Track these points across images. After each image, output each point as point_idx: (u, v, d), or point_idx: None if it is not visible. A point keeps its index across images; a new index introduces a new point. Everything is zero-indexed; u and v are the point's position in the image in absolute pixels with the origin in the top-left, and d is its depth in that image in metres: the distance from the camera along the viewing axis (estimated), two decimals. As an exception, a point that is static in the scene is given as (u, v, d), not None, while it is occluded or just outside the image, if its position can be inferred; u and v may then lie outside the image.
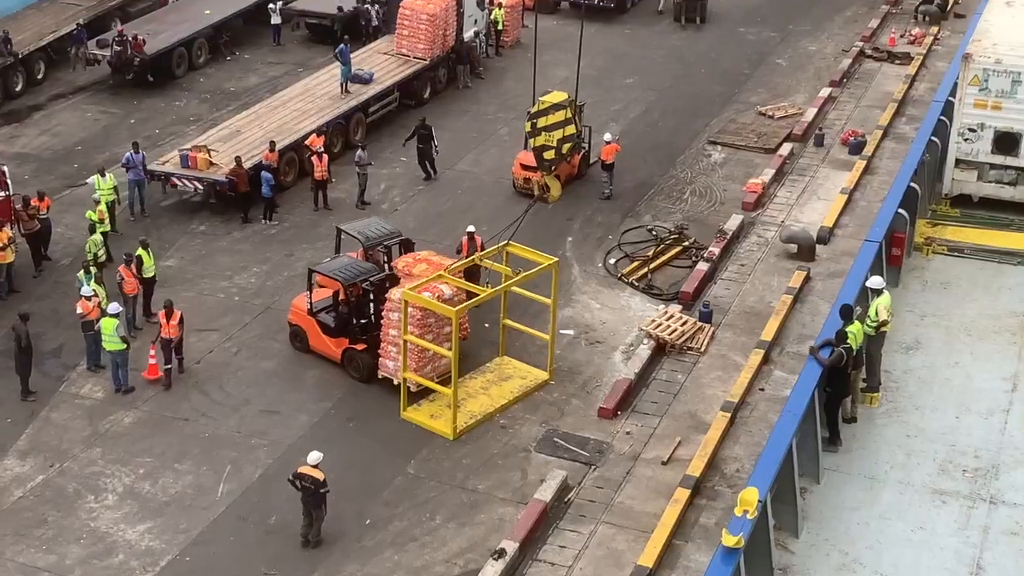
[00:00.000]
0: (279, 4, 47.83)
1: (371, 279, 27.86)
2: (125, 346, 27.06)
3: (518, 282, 27.12)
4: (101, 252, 30.55)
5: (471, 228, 30.79)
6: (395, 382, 27.09)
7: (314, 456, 22.87)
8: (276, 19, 47.59)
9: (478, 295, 27.05)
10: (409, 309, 26.18)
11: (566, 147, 34.74)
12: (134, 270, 29.17)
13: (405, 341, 26.07)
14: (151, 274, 29.73)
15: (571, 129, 34.16)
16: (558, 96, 35.10)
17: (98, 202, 32.26)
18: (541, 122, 34.54)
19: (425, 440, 25.97)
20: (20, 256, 31.23)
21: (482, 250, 29.19)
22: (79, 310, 27.81)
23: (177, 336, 27.46)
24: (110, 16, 46.92)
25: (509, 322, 28.26)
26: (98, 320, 27.42)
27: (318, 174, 35.16)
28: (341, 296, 28.22)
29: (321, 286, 28.93)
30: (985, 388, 24.32)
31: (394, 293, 26.84)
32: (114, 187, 33.39)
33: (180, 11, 47.64)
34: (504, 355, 28.48)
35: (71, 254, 31.30)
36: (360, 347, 27.76)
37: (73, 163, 37.90)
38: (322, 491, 22.76)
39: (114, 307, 27.38)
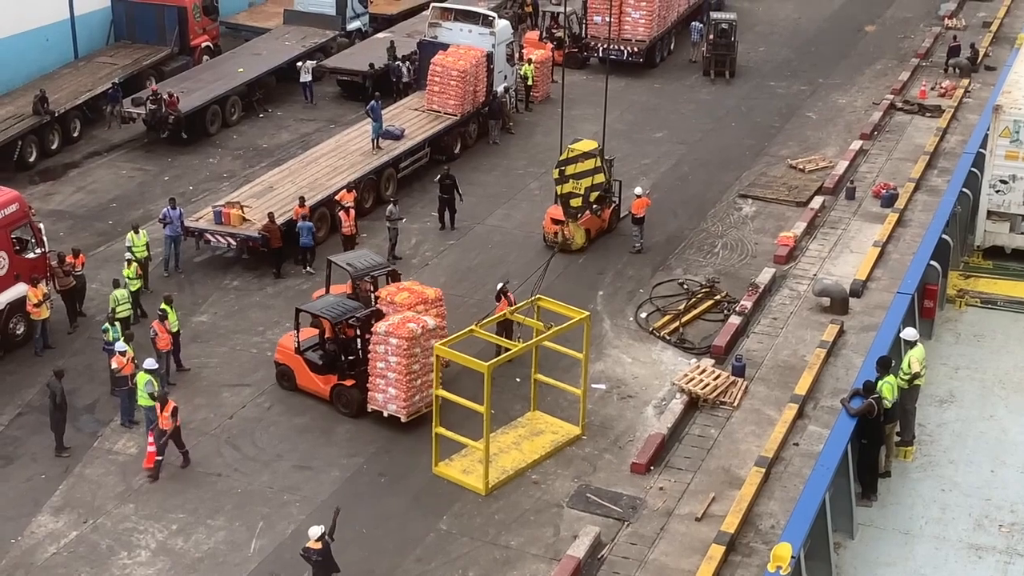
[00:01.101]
0: (309, 63, 48.21)
1: (358, 316, 28.54)
2: (154, 402, 27.17)
3: (549, 337, 27.13)
4: (121, 308, 30.68)
5: (500, 285, 30.71)
6: (385, 414, 27.77)
7: (314, 531, 22.33)
8: (306, 77, 47.99)
9: (510, 349, 27.13)
10: (394, 340, 27.04)
11: (593, 195, 34.44)
12: (168, 326, 29.35)
13: (437, 396, 26.19)
14: (175, 329, 29.86)
15: (600, 177, 33.95)
16: (588, 144, 34.88)
17: (130, 261, 32.40)
18: (569, 170, 34.26)
19: (457, 495, 25.91)
20: (55, 312, 31.52)
21: (512, 305, 29.20)
22: (114, 365, 27.97)
23: (171, 427, 26.31)
24: (145, 75, 47.51)
25: (540, 377, 28.25)
26: (133, 376, 27.57)
27: (346, 229, 35.43)
28: (328, 334, 28.83)
29: (317, 326, 29.44)
30: (1020, 441, 24.04)
31: (379, 327, 27.52)
32: (146, 244, 33.65)
33: (214, 69, 48.19)
34: (535, 409, 28.47)
35: (105, 310, 31.46)
36: (349, 383, 28.42)
37: (108, 220, 38.26)
38: (316, 559, 22.30)
39: (150, 363, 27.54)
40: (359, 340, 28.45)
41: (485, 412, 25.62)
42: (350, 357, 28.62)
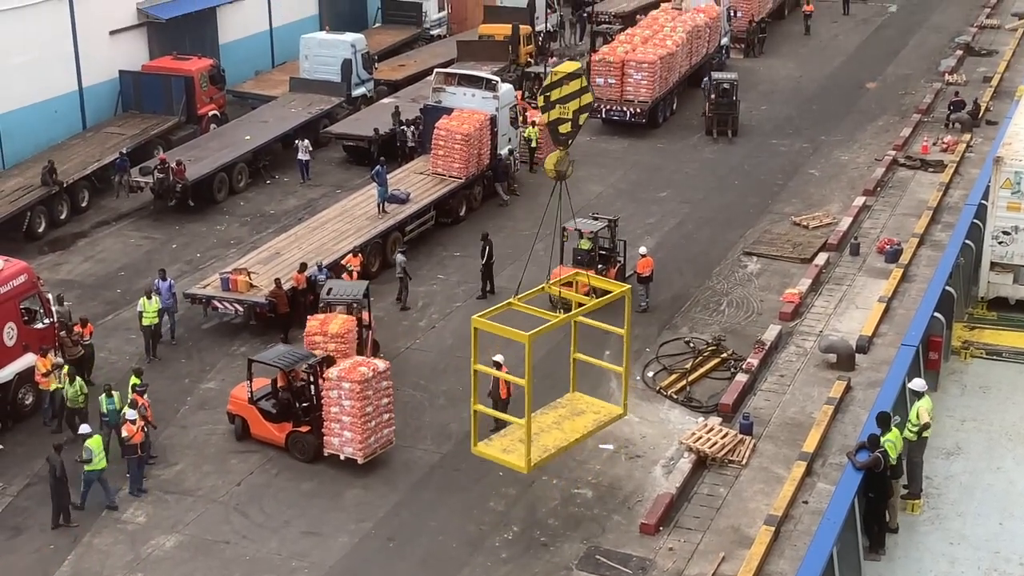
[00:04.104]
0: (306, 142, 47.82)
1: (309, 363, 29.39)
2: (104, 465, 27.43)
3: (588, 310, 26.83)
4: (81, 398, 30.19)
5: (498, 358, 29.58)
6: (341, 457, 28.43)
7: None
8: (303, 156, 47.55)
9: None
10: (346, 384, 27.75)
11: (583, 117, 31.59)
12: (147, 399, 29.47)
13: (475, 370, 25.87)
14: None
15: (588, 98, 30.64)
16: (571, 65, 31.33)
17: (66, 364, 31.31)
18: (555, 94, 30.80)
19: (466, 559, 25.84)
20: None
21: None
22: (124, 434, 28.04)
23: None
24: (152, 144, 47.94)
25: (581, 356, 28.18)
26: (141, 445, 27.74)
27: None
28: (281, 382, 29.53)
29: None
30: (1029, 493, 24.04)
31: (331, 372, 28.22)
32: (157, 310, 33.76)
33: (221, 137, 48.60)
34: (575, 391, 28.30)
35: (113, 379, 31.54)
36: (304, 429, 29.03)
37: (116, 289, 38.44)
38: None
39: (85, 428, 28.00)
40: (312, 387, 29.21)
41: (527, 385, 25.17)
42: (304, 404, 29.31)
